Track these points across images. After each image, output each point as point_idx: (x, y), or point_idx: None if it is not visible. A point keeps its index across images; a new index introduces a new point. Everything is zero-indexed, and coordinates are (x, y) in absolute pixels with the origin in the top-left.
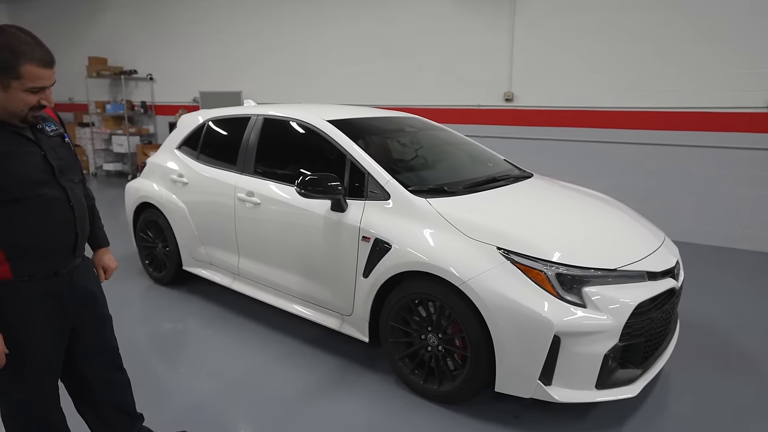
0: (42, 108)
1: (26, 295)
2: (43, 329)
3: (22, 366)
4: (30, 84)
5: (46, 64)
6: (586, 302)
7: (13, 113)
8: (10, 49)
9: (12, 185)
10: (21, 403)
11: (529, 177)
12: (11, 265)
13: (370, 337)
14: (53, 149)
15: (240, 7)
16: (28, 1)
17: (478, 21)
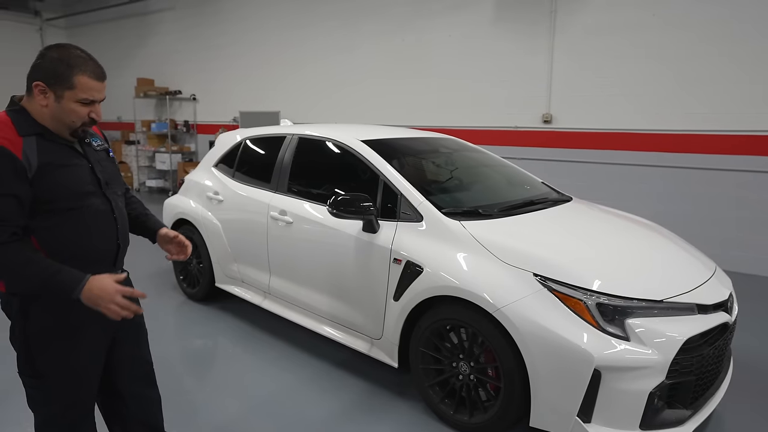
0: (93, 123)
1: (70, 306)
2: (84, 342)
3: (63, 379)
4: (82, 95)
5: (97, 77)
6: (630, 335)
7: (65, 124)
8: (65, 62)
9: (63, 195)
10: (56, 418)
11: (568, 201)
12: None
13: (399, 363)
14: (99, 162)
15: (279, 33)
16: (82, 27)
17: (517, 43)
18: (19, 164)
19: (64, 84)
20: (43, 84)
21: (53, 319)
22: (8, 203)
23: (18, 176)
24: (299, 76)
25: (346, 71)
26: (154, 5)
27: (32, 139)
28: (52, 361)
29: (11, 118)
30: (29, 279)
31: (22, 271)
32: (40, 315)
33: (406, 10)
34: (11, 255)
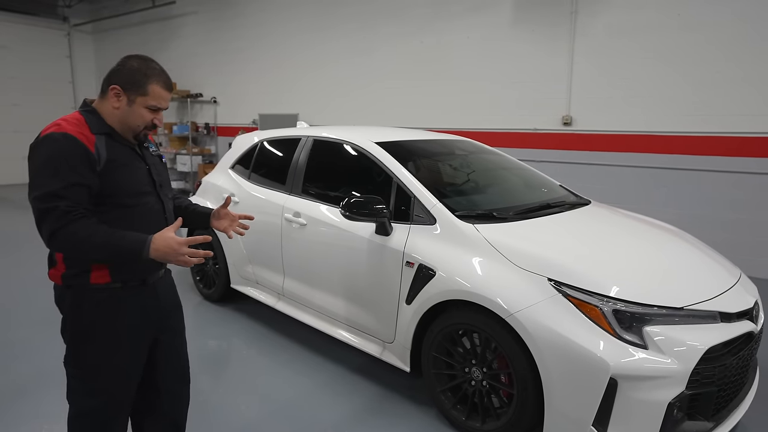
0: (153, 128)
1: (120, 301)
2: (130, 337)
3: (106, 373)
4: (152, 102)
5: (167, 87)
6: (648, 343)
7: (130, 127)
8: (142, 71)
9: (123, 192)
10: (92, 411)
11: (587, 204)
12: (110, 270)
13: (411, 367)
14: (155, 166)
15: (298, 35)
16: (108, 32)
17: (536, 44)
18: (92, 157)
19: (138, 90)
20: (119, 88)
21: (103, 314)
22: (81, 191)
23: (91, 168)
24: (318, 78)
25: (366, 73)
26: (177, 10)
27: (102, 137)
28: (99, 355)
29: (85, 118)
30: (99, 248)
31: (92, 241)
32: (92, 309)
33: (425, 12)
34: (81, 228)
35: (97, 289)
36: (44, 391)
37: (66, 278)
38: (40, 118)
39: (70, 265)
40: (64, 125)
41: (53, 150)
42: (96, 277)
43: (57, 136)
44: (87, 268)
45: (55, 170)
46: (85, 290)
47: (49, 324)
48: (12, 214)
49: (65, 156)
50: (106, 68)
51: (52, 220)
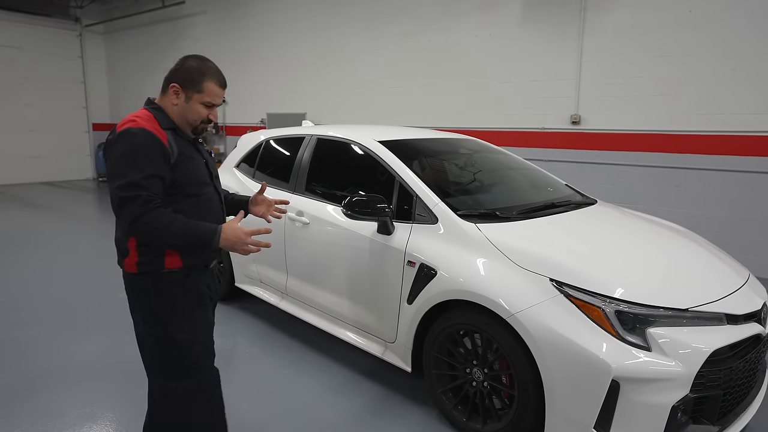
0: (209, 122)
1: (193, 282)
2: (204, 313)
3: (195, 350)
4: (207, 98)
5: (222, 85)
6: (651, 345)
7: (188, 122)
8: (199, 70)
9: (191, 182)
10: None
11: (593, 204)
12: (182, 256)
13: (413, 367)
14: (210, 161)
15: (306, 35)
16: (119, 32)
17: (545, 43)
18: (167, 150)
19: (194, 88)
20: (178, 86)
21: (182, 294)
22: (158, 182)
23: (166, 161)
24: (325, 77)
25: (373, 72)
26: (186, 10)
27: (170, 132)
28: (183, 332)
29: (153, 114)
30: (176, 235)
31: (172, 228)
32: (171, 291)
33: (433, 11)
34: (160, 216)
35: (171, 273)
36: (50, 389)
37: (141, 265)
38: (53, 119)
39: (144, 252)
40: (139, 121)
41: (133, 143)
42: (170, 262)
43: (135, 130)
44: (161, 254)
45: (135, 162)
46: (161, 275)
47: (54, 322)
48: (21, 212)
49: (144, 149)
50: (117, 68)
51: (134, 208)
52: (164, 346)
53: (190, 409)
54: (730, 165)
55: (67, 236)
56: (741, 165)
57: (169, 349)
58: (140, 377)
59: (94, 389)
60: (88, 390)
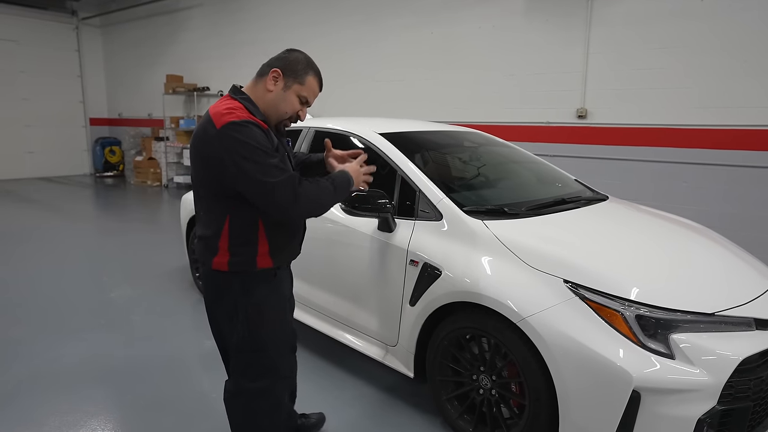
0: (296, 119)
1: (279, 281)
2: (288, 312)
3: (279, 346)
4: (305, 92)
5: (321, 85)
6: (675, 352)
7: (278, 113)
8: (306, 62)
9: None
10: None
11: (604, 200)
12: (272, 255)
13: (415, 372)
14: (291, 155)
15: (302, 27)
16: (115, 25)
17: (550, 34)
18: (272, 138)
19: (296, 78)
20: (280, 72)
21: (270, 294)
22: (287, 162)
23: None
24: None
25: (372, 66)
26: (183, 2)
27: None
28: (269, 330)
29: (246, 107)
30: (331, 194)
31: (323, 191)
32: (261, 290)
33: (434, 2)
34: (308, 187)
35: (263, 272)
36: (35, 394)
37: (233, 265)
38: (49, 113)
39: (237, 252)
40: (238, 113)
41: (247, 134)
42: (263, 262)
43: (247, 123)
44: (254, 254)
45: (262, 149)
46: (252, 275)
47: (44, 322)
48: (17, 208)
49: (262, 138)
50: (114, 62)
51: (288, 191)
52: (246, 344)
53: (259, 410)
54: (741, 160)
55: (62, 233)
56: (752, 160)
57: (250, 350)
58: (128, 382)
59: (81, 394)
60: (74, 395)
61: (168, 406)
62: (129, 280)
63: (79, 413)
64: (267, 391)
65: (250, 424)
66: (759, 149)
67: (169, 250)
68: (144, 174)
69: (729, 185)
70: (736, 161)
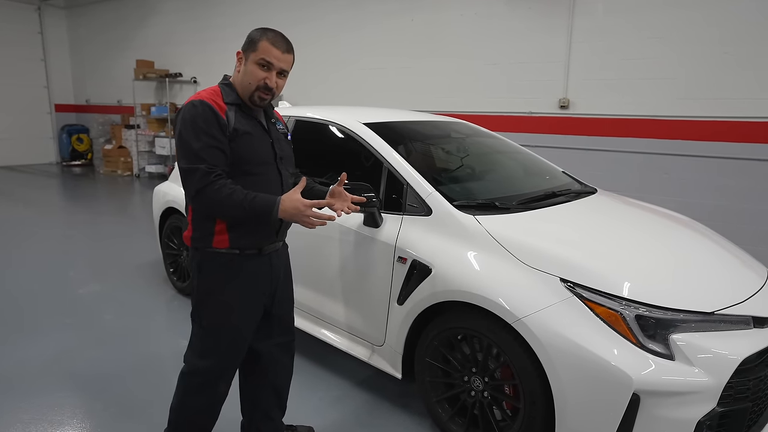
0: (267, 90)
1: (237, 266)
2: (243, 301)
3: (220, 332)
4: (261, 55)
5: (276, 45)
6: (674, 353)
7: (245, 88)
8: (259, 32)
9: (246, 159)
10: (204, 369)
11: (593, 192)
12: (230, 236)
13: (403, 373)
14: (279, 141)
15: (280, 12)
16: (82, 7)
17: (533, 22)
18: (222, 121)
19: (251, 48)
20: (241, 52)
21: (222, 277)
22: (218, 154)
23: (222, 131)
24: (302, 57)
25: (353, 52)
26: None
27: (233, 107)
28: (217, 314)
29: (221, 89)
30: (237, 206)
31: (232, 199)
32: (212, 271)
33: None
34: (221, 187)
35: (217, 253)
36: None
37: (194, 240)
38: (11, 99)
39: (197, 227)
40: (202, 94)
41: (192, 115)
42: (217, 241)
43: (195, 103)
44: (211, 232)
45: (195, 133)
46: (208, 253)
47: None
48: None
49: (201, 120)
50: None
51: (195, 180)
52: (197, 322)
53: (190, 387)
54: (723, 152)
55: (26, 225)
56: (734, 152)
57: (199, 327)
58: (98, 387)
59: (45, 401)
60: (38, 402)
61: (141, 413)
62: (98, 276)
63: (44, 423)
64: (201, 371)
65: (179, 397)
66: (747, 141)
67: (141, 244)
68: (114, 163)
69: (715, 177)
70: (722, 153)
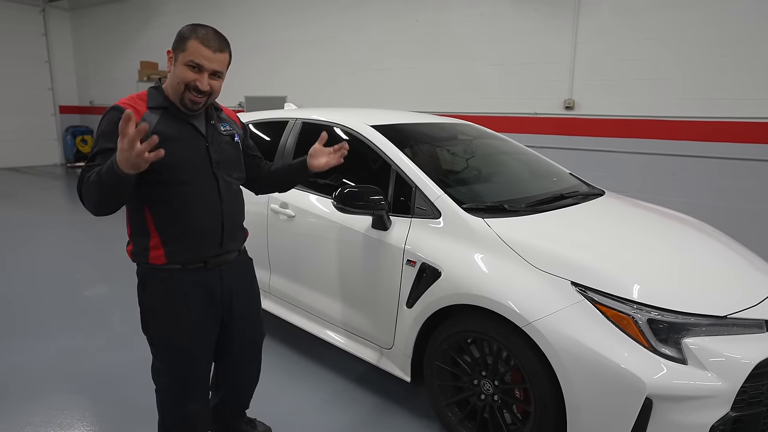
0: (198, 92)
1: (177, 282)
2: (191, 318)
3: (170, 351)
4: (189, 57)
5: (207, 44)
6: (687, 357)
7: (176, 90)
8: (187, 30)
9: (172, 166)
10: (166, 387)
11: (601, 195)
12: (165, 251)
13: (412, 375)
14: (218, 144)
15: (284, 14)
16: (86, 9)
17: (538, 22)
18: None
19: (179, 48)
20: (171, 51)
21: (163, 293)
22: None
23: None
24: (307, 59)
25: (356, 54)
26: None
27: (158, 111)
28: (162, 331)
29: (148, 93)
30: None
31: (91, 181)
32: (154, 288)
33: None
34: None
35: (157, 269)
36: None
37: (133, 255)
38: (16, 100)
39: (134, 242)
40: (123, 99)
41: (103, 119)
42: (153, 257)
43: (110, 109)
44: (146, 247)
45: (98, 139)
46: (148, 269)
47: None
48: None
49: (109, 125)
50: (85, 47)
51: (81, 182)
52: (148, 340)
53: (161, 403)
54: (730, 152)
55: (31, 227)
56: (741, 152)
57: (151, 345)
58: (108, 389)
59: (53, 405)
60: (46, 406)
61: (150, 417)
62: (104, 278)
63: (54, 426)
64: (165, 388)
65: (160, 415)
66: (748, 141)
67: None
68: None
69: (718, 178)
70: (725, 153)
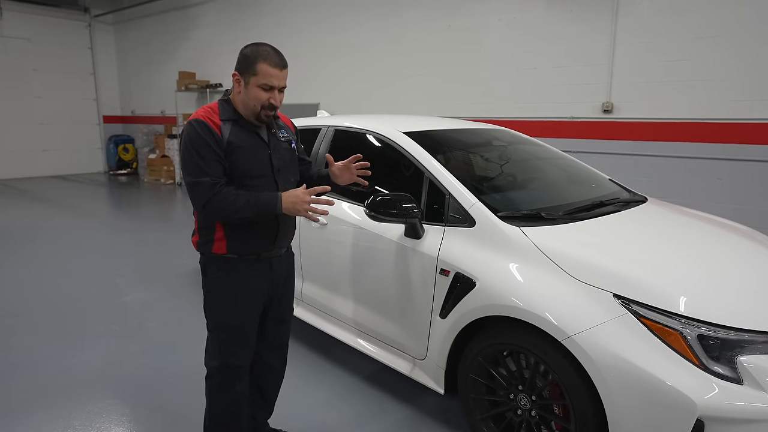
0: (271, 108)
1: (233, 270)
2: (243, 301)
3: (223, 329)
4: (262, 80)
5: (276, 65)
6: (743, 377)
7: (249, 109)
8: (252, 54)
9: (239, 172)
10: (216, 370)
11: (643, 201)
12: (227, 243)
13: (446, 387)
14: (279, 151)
15: (318, 23)
16: (128, 22)
17: (574, 24)
18: (218, 137)
19: (249, 71)
20: (238, 74)
21: (221, 279)
22: (218, 166)
23: (219, 145)
24: (340, 67)
25: (390, 61)
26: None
27: (229, 123)
28: (221, 314)
29: (219, 106)
30: (243, 207)
31: (237, 203)
32: (213, 274)
33: None
34: (226, 194)
35: (218, 258)
36: (41, 410)
37: (198, 245)
38: (63, 111)
39: (201, 234)
40: (199, 112)
41: (191, 134)
42: (216, 248)
43: (193, 122)
44: (211, 239)
45: (196, 151)
46: (209, 258)
47: (54, 328)
48: (30, 207)
49: (200, 138)
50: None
51: (201, 192)
52: (207, 325)
53: (212, 389)
54: None
55: (74, 232)
56: None
57: (208, 330)
58: (145, 394)
59: (96, 408)
60: (89, 409)
61: (186, 421)
62: (144, 283)
63: (93, 430)
64: (215, 372)
65: (207, 402)
66: None
67: (186, 251)
68: (157, 172)
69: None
70: None
